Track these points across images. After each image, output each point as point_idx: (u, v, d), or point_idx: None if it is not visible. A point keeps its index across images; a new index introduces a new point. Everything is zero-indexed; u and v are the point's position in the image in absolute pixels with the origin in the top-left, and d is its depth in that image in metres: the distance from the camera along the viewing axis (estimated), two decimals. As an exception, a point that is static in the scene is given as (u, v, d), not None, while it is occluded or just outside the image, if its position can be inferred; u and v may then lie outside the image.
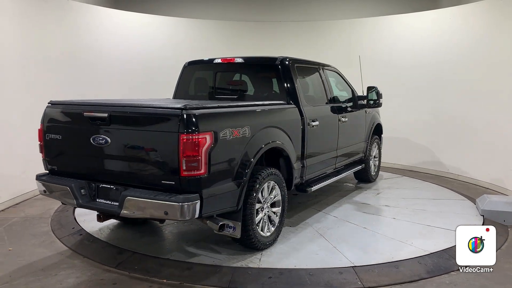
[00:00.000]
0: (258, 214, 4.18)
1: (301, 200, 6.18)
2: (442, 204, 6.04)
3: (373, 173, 7.36)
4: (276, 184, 4.40)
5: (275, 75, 5.03)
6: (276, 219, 4.46)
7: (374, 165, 7.41)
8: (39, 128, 4.18)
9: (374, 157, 7.39)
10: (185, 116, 3.35)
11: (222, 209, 3.79)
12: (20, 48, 6.24)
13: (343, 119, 5.85)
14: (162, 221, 4.41)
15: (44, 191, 4.13)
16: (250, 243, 4.12)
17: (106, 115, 3.69)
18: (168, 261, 4.05)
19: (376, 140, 7.33)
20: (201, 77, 5.73)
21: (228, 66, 5.43)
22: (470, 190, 6.99)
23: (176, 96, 5.75)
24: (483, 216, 5.35)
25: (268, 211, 4.35)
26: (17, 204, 6.02)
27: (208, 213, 3.63)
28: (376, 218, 5.47)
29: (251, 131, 3.97)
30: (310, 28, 9.59)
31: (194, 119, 3.38)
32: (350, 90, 6.44)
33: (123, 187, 3.73)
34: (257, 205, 4.13)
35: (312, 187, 5.20)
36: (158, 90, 7.57)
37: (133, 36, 8.57)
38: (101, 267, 3.96)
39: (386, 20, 9.01)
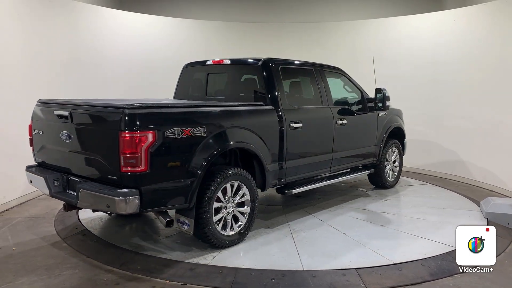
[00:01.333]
0: (219, 213, 4.27)
1: (298, 202, 6.16)
2: (449, 214, 5.66)
3: (390, 179, 7.03)
4: (243, 184, 4.45)
5: (257, 76, 5.05)
6: (244, 219, 4.53)
7: (393, 171, 7.10)
8: (30, 124, 4.64)
9: (393, 162, 7.09)
10: (125, 115, 3.53)
11: (170, 206, 3.92)
12: (24, 48, 6.27)
13: (341, 122, 5.67)
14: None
15: (30, 181, 4.54)
16: (207, 240, 4.23)
17: (67, 113, 4.01)
18: (170, 261, 4.06)
19: (395, 144, 6.97)
20: (197, 78, 5.85)
21: (218, 67, 5.56)
22: (474, 193, 6.96)
23: (176, 96, 5.97)
24: (487, 218, 5.32)
25: (233, 211, 4.42)
26: (21, 204, 6.05)
27: (151, 208, 3.82)
28: (364, 224, 5.24)
29: (208, 131, 4.03)
30: (314, 29, 9.59)
31: (133, 118, 3.55)
32: (360, 92, 6.27)
33: (84, 180, 4.00)
34: (218, 204, 4.23)
35: (293, 189, 5.15)
36: (161, 90, 7.57)
37: (137, 36, 8.59)
38: (104, 267, 3.97)
39: (391, 22, 9.00)
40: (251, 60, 5.24)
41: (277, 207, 5.98)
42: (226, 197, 4.34)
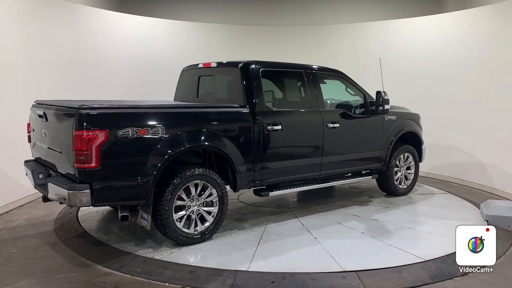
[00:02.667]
0: (183, 211, 4.43)
1: (291, 206, 6.14)
2: (445, 226, 5.20)
3: (402, 186, 6.66)
4: (209, 184, 4.54)
5: (237, 78, 5.08)
6: (210, 218, 4.61)
7: (406, 178, 6.76)
8: (28, 122, 5.03)
9: (407, 169, 6.76)
10: (78, 115, 3.79)
11: (125, 202, 4.15)
12: (25, 50, 6.29)
13: (332, 125, 5.50)
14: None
15: (26, 174, 4.85)
16: (167, 236, 4.39)
17: (42, 112, 4.42)
18: (170, 264, 4.05)
19: (407, 150, 6.61)
20: (191, 80, 5.96)
21: (207, 70, 5.66)
22: (474, 195, 6.95)
23: (176, 98, 6.13)
24: (487, 221, 5.31)
25: (197, 209, 4.53)
26: (20, 206, 6.04)
27: (105, 203, 4.15)
28: (343, 230, 5.05)
29: (166, 131, 4.15)
30: (315, 32, 9.59)
31: (85, 118, 3.80)
32: (362, 95, 6.05)
33: (57, 174, 4.31)
34: (180, 203, 4.38)
35: (269, 192, 5.12)
36: (161, 91, 7.60)
37: (137, 38, 8.60)
38: (103, 270, 3.96)
39: (391, 24, 9.02)
40: (232, 63, 5.29)
41: (268, 209, 5.97)
42: (191, 196, 4.46)
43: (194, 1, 10.41)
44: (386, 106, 5.86)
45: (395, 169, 6.53)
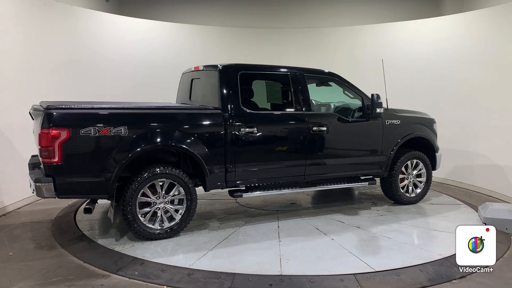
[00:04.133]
0: (148, 207, 4.67)
1: (282, 209, 6.10)
2: (426, 237, 5.06)
3: (409, 195, 6.31)
4: (176, 183, 4.72)
5: (215, 81, 5.15)
6: (177, 216, 4.79)
7: (416, 186, 6.40)
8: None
9: (417, 176, 6.38)
10: (44, 115, 4.14)
11: (88, 195, 4.59)
12: (24, 52, 6.28)
13: (318, 129, 5.41)
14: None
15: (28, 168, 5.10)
16: (132, 230, 4.65)
17: (30, 112, 4.81)
18: (168, 266, 4.04)
19: (416, 156, 6.26)
20: (187, 83, 6.07)
21: (197, 73, 5.78)
22: (472, 198, 6.97)
23: (177, 101, 6.32)
24: (485, 224, 5.31)
25: (163, 207, 4.74)
26: (18, 209, 6.03)
27: (68, 195, 4.45)
28: (314, 235, 4.94)
29: (129, 131, 4.39)
30: (313, 34, 9.62)
31: (50, 117, 4.13)
32: (360, 98, 5.85)
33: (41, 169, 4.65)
34: (145, 199, 4.62)
35: (243, 194, 5.15)
36: (159, 93, 7.67)
37: (135, 41, 8.61)
38: (101, 272, 3.95)
39: (389, 27, 9.05)
40: (213, 66, 5.36)
41: (257, 210, 6.00)
42: (156, 194, 4.68)
43: (193, 3, 10.42)
44: (378, 110, 5.67)
45: (401, 176, 6.21)
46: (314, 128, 5.42)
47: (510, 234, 5.12)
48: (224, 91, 5.03)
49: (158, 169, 4.60)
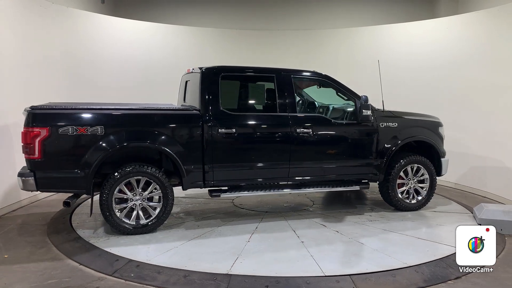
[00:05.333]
0: (125, 203, 4.89)
1: (272, 210, 6.10)
2: (409, 244, 4.77)
3: (410, 201, 6.06)
4: (152, 181, 4.90)
5: (198, 83, 5.29)
6: (154, 213, 4.97)
7: (418, 192, 6.14)
8: None
9: (419, 182, 6.11)
10: (27, 114, 4.48)
11: (66, 190, 4.83)
12: (20, 54, 6.26)
13: (303, 131, 5.37)
14: None
15: None
16: (110, 224, 4.87)
17: (23, 113, 4.84)
18: (164, 268, 4.03)
19: (416, 161, 6.00)
20: (183, 85, 6.23)
21: (189, 76, 5.89)
22: (467, 199, 7.00)
23: (178, 102, 6.43)
24: (480, 225, 5.34)
25: (140, 204, 4.93)
26: (13, 211, 6.00)
27: (47, 189, 4.83)
28: (285, 238, 4.90)
29: (105, 131, 4.65)
30: (310, 36, 9.65)
31: (31, 117, 4.46)
32: (354, 100, 5.74)
33: None
34: (121, 195, 4.83)
35: (221, 194, 5.28)
36: (157, 95, 7.71)
37: (132, 42, 8.61)
38: (97, 274, 3.94)
39: (385, 29, 9.10)
40: (198, 68, 5.44)
41: (246, 211, 6.05)
42: (133, 191, 4.88)
43: (190, 5, 10.44)
44: (365, 112, 5.54)
45: (400, 181, 5.98)
46: (299, 130, 5.40)
47: (505, 235, 5.14)
48: (204, 93, 5.18)
49: (129, 168, 4.80)
